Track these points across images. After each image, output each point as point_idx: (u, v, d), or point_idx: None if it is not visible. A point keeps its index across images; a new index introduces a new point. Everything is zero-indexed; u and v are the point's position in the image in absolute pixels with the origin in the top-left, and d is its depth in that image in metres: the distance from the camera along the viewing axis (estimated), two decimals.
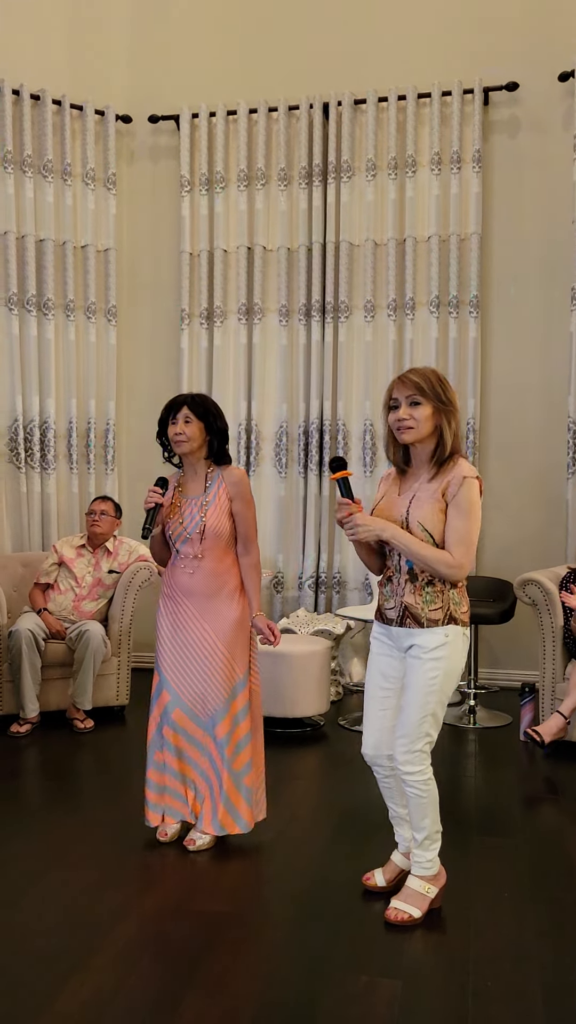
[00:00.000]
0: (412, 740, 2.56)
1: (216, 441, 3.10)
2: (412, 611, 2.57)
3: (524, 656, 5.37)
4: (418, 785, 2.59)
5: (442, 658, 2.53)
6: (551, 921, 2.66)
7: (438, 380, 2.58)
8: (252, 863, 3.04)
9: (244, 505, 3.09)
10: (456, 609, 2.58)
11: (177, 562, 3.13)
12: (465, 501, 2.51)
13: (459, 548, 2.50)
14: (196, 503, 3.08)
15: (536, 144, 5.33)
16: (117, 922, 2.62)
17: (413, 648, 2.58)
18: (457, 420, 2.58)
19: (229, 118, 5.62)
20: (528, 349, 5.39)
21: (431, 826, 2.64)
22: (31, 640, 4.41)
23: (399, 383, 2.58)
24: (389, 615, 2.63)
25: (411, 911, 2.63)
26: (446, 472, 2.56)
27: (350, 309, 5.47)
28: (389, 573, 2.65)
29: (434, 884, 2.69)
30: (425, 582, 2.56)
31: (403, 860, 2.85)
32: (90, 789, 3.75)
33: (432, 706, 2.55)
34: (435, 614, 2.55)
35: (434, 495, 2.54)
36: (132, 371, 5.92)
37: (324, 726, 4.65)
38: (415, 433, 2.55)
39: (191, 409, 3.06)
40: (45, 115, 5.42)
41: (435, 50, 5.40)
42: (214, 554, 3.07)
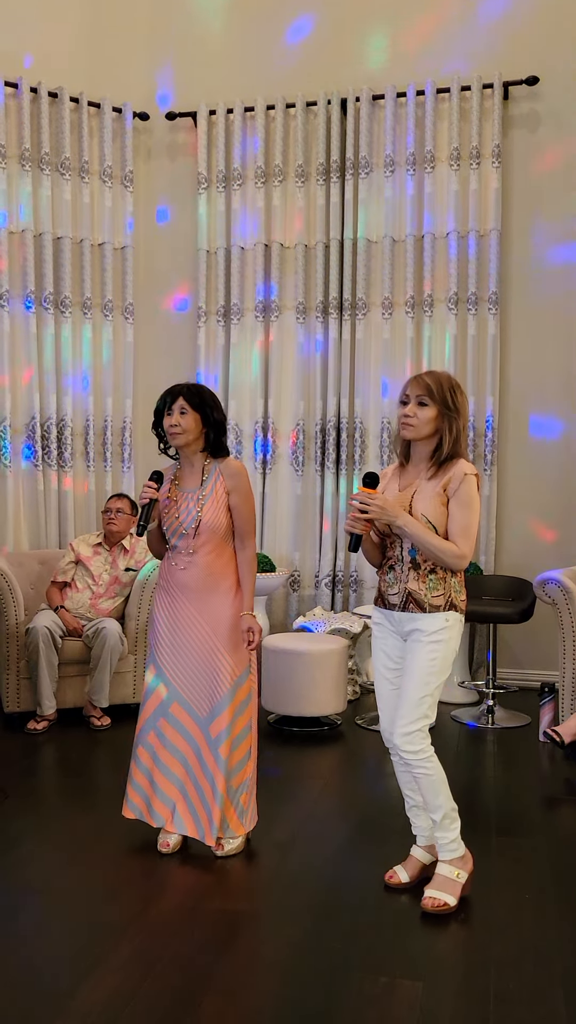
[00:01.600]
0: (410, 720, 2.66)
1: (213, 433, 3.03)
2: (415, 597, 2.68)
3: (543, 656, 5.33)
4: (422, 764, 2.67)
5: (442, 641, 2.66)
6: (573, 922, 2.62)
7: (450, 386, 2.69)
8: (270, 862, 3.02)
9: (242, 499, 3.02)
10: (456, 596, 2.71)
11: (172, 557, 3.07)
12: (466, 496, 2.65)
13: (462, 539, 2.65)
14: (193, 497, 3.01)
15: (556, 139, 5.28)
16: (134, 921, 2.61)
17: (415, 632, 2.69)
18: (461, 427, 2.70)
19: (247, 115, 5.61)
20: (548, 346, 5.33)
21: (446, 803, 2.71)
22: (48, 637, 4.41)
23: (413, 381, 2.71)
24: (392, 600, 2.73)
25: (446, 898, 2.68)
26: (447, 470, 2.69)
27: (368, 306, 5.44)
28: (391, 562, 2.76)
29: (463, 868, 2.75)
30: (428, 570, 2.69)
31: (423, 854, 2.86)
32: (107, 787, 3.74)
33: (431, 687, 2.66)
34: (437, 600, 2.67)
35: (435, 491, 2.67)
36: (149, 369, 5.91)
37: (341, 725, 4.62)
38: (414, 431, 2.69)
39: (187, 400, 2.98)
40: (63, 113, 5.42)
41: (454, 44, 5.36)
42: (209, 549, 3.01)
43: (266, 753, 4.17)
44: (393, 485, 2.80)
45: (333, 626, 5.00)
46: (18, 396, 5.42)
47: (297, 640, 4.58)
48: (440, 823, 2.72)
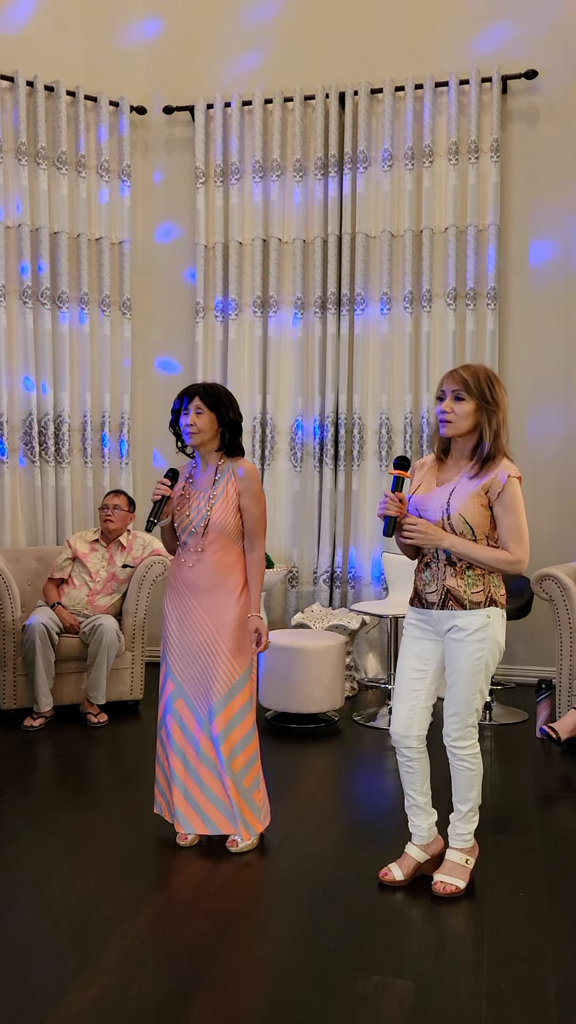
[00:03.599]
0: (464, 716, 2.69)
1: (228, 432, 3.05)
2: (455, 594, 2.65)
3: (541, 652, 5.32)
4: (470, 759, 2.73)
5: (486, 638, 2.64)
6: (567, 921, 2.62)
7: (487, 379, 2.63)
8: (264, 860, 3.01)
9: (252, 500, 3.03)
10: (496, 592, 2.68)
11: (181, 554, 3.09)
12: (511, 499, 2.60)
13: (516, 545, 2.61)
14: (204, 496, 3.03)
15: (555, 133, 5.25)
16: (127, 919, 2.61)
17: (454, 630, 2.66)
18: (500, 421, 2.62)
19: (244, 109, 5.58)
20: (547, 342, 5.31)
21: (476, 798, 2.78)
22: (45, 634, 4.41)
23: (449, 376, 2.65)
24: (430, 599, 2.70)
25: (456, 883, 2.75)
26: (489, 471, 2.62)
27: (366, 301, 5.42)
28: (427, 559, 2.72)
29: (471, 856, 2.83)
30: (466, 566, 2.65)
31: (419, 852, 2.87)
32: (103, 784, 3.74)
33: (480, 683, 2.67)
34: (477, 596, 2.64)
35: (476, 492, 2.61)
36: (147, 364, 5.89)
37: (338, 722, 4.62)
38: (454, 428, 2.62)
39: (203, 399, 3.00)
40: (59, 107, 5.40)
41: (453, 38, 5.33)
42: (217, 548, 3.02)
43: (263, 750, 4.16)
44: (431, 478, 2.74)
45: (331, 622, 5.00)
46: (15, 392, 5.41)
47: (295, 636, 4.58)
48: (465, 815, 2.79)
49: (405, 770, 2.83)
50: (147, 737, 4.35)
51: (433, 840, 2.89)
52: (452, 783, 2.79)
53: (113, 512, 4.74)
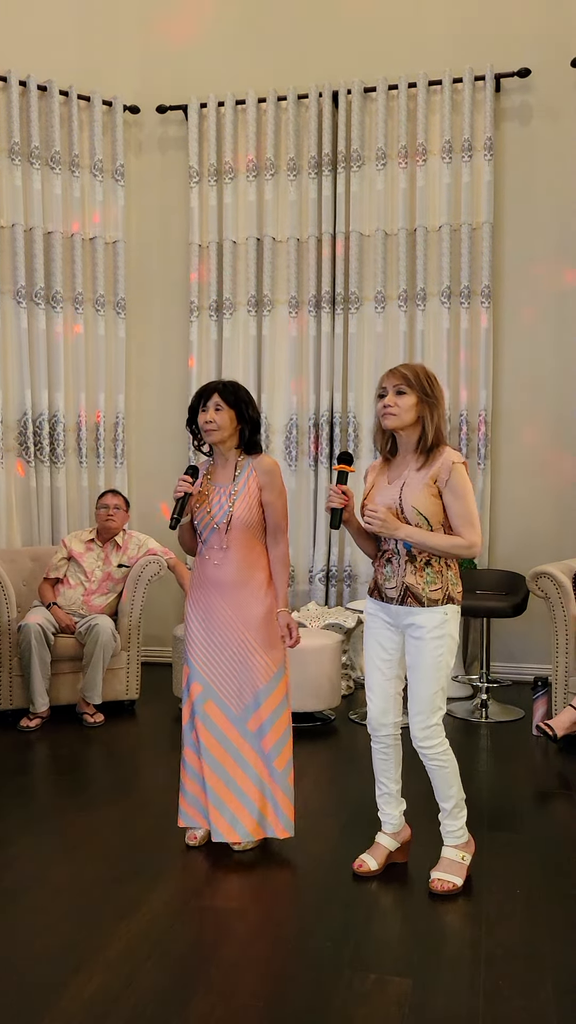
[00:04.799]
0: (427, 715, 2.72)
1: (247, 430, 3.03)
2: (413, 591, 2.71)
3: (537, 650, 5.32)
4: (439, 757, 2.75)
5: (444, 635, 2.70)
6: (564, 918, 2.62)
7: (426, 375, 2.74)
8: (260, 859, 3.01)
9: (275, 495, 3.01)
10: (453, 589, 2.75)
11: (204, 552, 3.05)
12: (459, 485, 2.68)
13: (468, 529, 2.68)
14: (225, 492, 3.00)
15: (548, 131, 5.26)
16: (124, 918, 2.61)
17: (413, 627, 2.72)
18: (440, 414, 2.74)
19: (238, 107, 5.57)
20: (541, 339, 5.32)
21: (457, 794, 2.81)
22: (40, 635, 4.40)
23: (389, 374, 2.75)
24: (390, 594, 2.76)
25: (454, 879, 2.77)
26: (434, 460, 2.71)
27: (360, 300, 5.42)
28: (388, 555, 2.78)
29: (467, 851, 2.84)
30: (424, 563, 2.72)
31: (390, 841, 2.93)
32: (99, 784, 3.73)
33: (441, 681, 2.72)
34: (435, 594, 2.70)
35: (424, 482, 2.69)
36: (141, 364, 5.89)
37: (335, 721, 4.62)
38: (397, 420, 2.71)
39: (222, 397, 2.97)
40: (52, 106, 5.39)
41: (445, 36, 5.33)
42: (241, 544, 2.99)
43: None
44: (381, 480, 2.82)
45: (327, 621, 5.00)
46: (9, 392, 5.40)
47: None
48: (451, 812, 2.81)
49: (380, 757, 2.89)
50: (144, 737, 4.35)
51: (402, 828, 2.95)
52: (432, 785, 2.80)
53: (114, 512, 4.74)
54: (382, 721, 2.84)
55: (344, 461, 2.79)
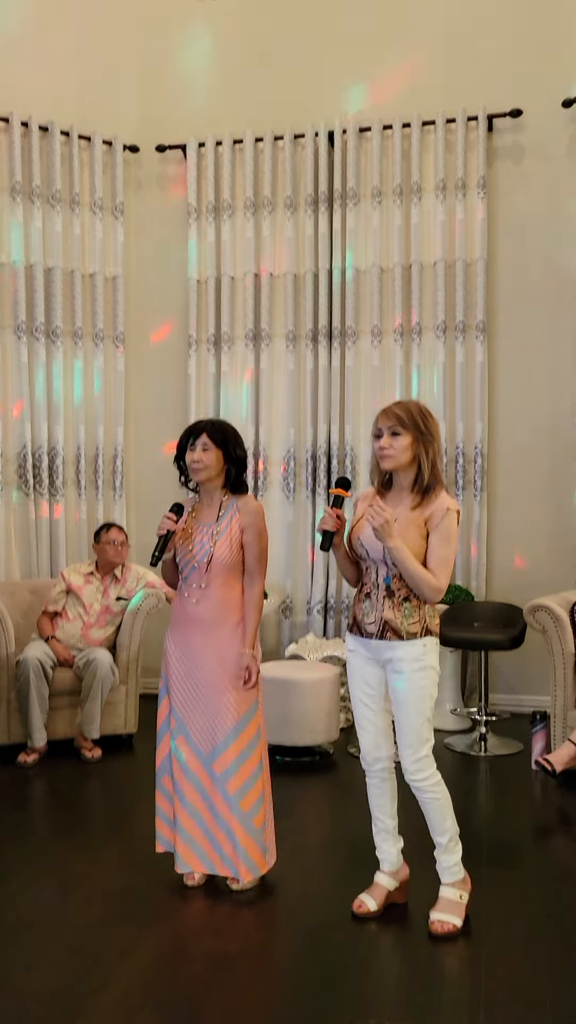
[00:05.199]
0: (417, 748, 2.73)
1: (234, 470, 3.07)
2: (392, 625, 2.74)
3: (535, 682, 5.32)
4: (432, 789, 2.75)
5: (426, 667, 2.73)
6: (565, 959, 2.61)
7: (420, 412, 2.76)
8: (259, 900, 3.00)
9: (255, 537, 3.05)
10: (431, 621, 2.77)
11: (184, 589, 3.10)
12: (447, 530, 2.71)
13: (441, 571, 2.71)
14: (208, 531, 3.04)
15: (541, 170, 5.35)
16: (121, 961, 2.59)
17: (394, 662, 2.74)
18: (436, 450, 2.76)
19: (235, 147, 5.67)
20: (535, 373, 5.38)
21: (452, 827, 2.80)
22: (39, 668, 4.40)
23: (383, 414, 2.77)
24: (369, 629, 2.79)
25: (454, 920, 2.75)
26: (430, 502, 2.74)
27: (357, 334, 5.48)
28: (367, 589, 2.82)
29: (464, 889, 2.83)
30: (402, 598, 2.74)
31: (389, 880, 2.91)
32: (97, 821, 3.72)
33: (427, 712, 2.74)
34: (414, 627, 2.73)
35: (416, 522, 2.72)
36: (140, 397, 5.94)
37: (333, 754, 4.61)
38: (393, 461, 2.74)
39: (210, 436, 3.02)
40: (53, 146, 5.48)
41: (439, 77, 5.44)
42: (220, 584, 3.04)
43: None
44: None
45: (325, 653, 5.00)
46: (9, 425, 5.44)
47: (289, 668, 4.58)
48: (446, 846, 2.80)
49: (375, 792, 2.89)
50: (142, 771, 4.33)
51: (400, 867, 2.94)
52: (426, 819, 2.80)
53: (120, 548, 4.76)
54: (376, 755, 2.85)
55: (341, 486, 2.81)
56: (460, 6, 5.40)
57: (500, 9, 5.34)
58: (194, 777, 3.04)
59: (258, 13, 5.70)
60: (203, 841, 3.05)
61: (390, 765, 2.87)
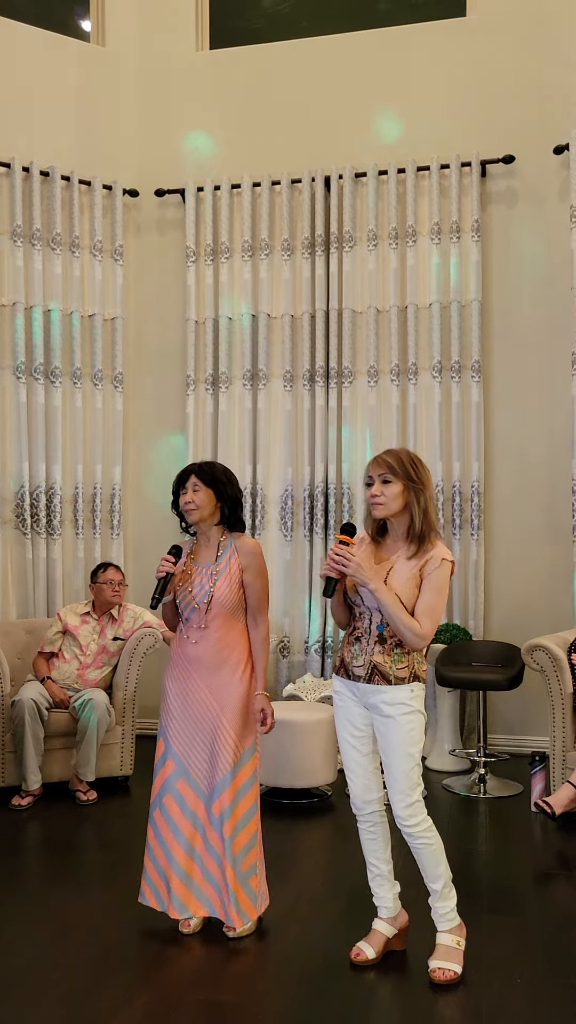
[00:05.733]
0: (407, 793, 2.70)
1: (228, 508, 3.09)
2: (381, 670, 2.73)
3: (534, 723, 5.29)
4: (424, 834, 2.71)
5: (414, 711, 2.72)
6: (567, 1008, 2.56)
7: (410, 460, 2.76)
8: (258, 946, 2.95)
9: (255, 576, 3.05)
10: (419, 667, 2.77)
11: (184, 630, 3.09)
12: (439, 580, 2.70)
13: (427, 620, 2.69)
14: (207, 572, 3.05)
15: (533, 214, 5.45)
16: (117, 1012, 2.54)
17: (381, 706, 2.73)
18: (428, 497, 2.74)
19: (233, 191, 5.77)
20: (531, 413, 5.42)
21: (446, 872, 2.76)
22: (34, 710, 4.37)
23: (374, 462, 2.77)
24: (357, 672, 2.78)
25: (454, 967, 2.72)
26: (426, 552, 2.73)
27: (354, 374, 5.54)
28: (357, 633, 2.80)
29: (461, 935, 2.79)
30: (394, 644, 2.73)
31: (387, 927, 2.87)
32: (92, 867, 3.67)
33: (415, 756, 2.71)
34: (402, 672, 2.72)
35: (412, 572, 2.71)
36: (138, 437, 5.97)
37: (331, 796, 4.56)
38: (385, 509, 2.73)
39: (199, 477, 3.05)
40: (54, 191, 5.58)
41: (433, 124, 5.56)
42: (220, 624, 3.04)
43: None
44: (368, 557, 2.82)
45: (322, 693, 4.97)
46: (7, 465, 5.46)
47: (286, 709, 4.55)
48: (441, 892, 2.76)
49: (368, 837, 2.86)
50: (137, 815, 4.28)
51: (399, 913, 2.90)
52: (419, 865, 2.76)
53: (119, 588, 4.76)
54: (366, 799, 2.82)
55: (347, 532, 2.77)
56: (454, 56, 5.54)
57: (493, 58, 5.48)
58: (196, 817, 3.02)
59: (256, 61, 5.84)
60: (202, 883, 3.02)
61: (381, 808, 2.85)
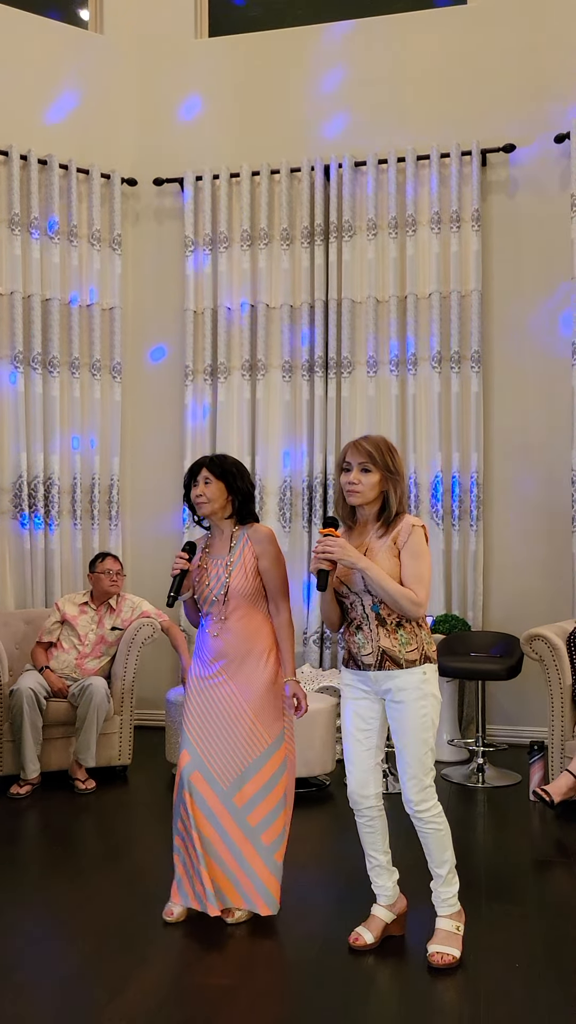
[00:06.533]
0: (420, 777, 2.70)
1: (239, 500, 3.08)
2: (390, 654, 2.71)
3: (532, 712, 5.29)
4: (434, 820, 2.72)
5: (427, 695, 2.70)
6: (565, 994, 2.56)
7: (388, 450, 2.77)
8: (256, 933, 2.95)
9: (272, 563, 3.04)
10: (428, 648, 2.76)
11: (207, 625, 3.08)
12: (416, 545, 2.71)
13: (418, 586, 2.69)
14: (222, 563, 3.04)
15: (534, 203, 5.43)
16: (115, 996, 2.54)
17: (393, 691, 2.71)
18: (403, 487, 2.77)
19: (232, 180, 5.74)
20: (530, 403, 5.41)
21: (451, 859, 2.78)
22: (32, 699, 4.36)
23: (353, 448, 2.76)
24: (366, 661, 2.75)
25: (453, 952, 2.73)
26: (395, 525, 2.75)
27: (353, 365, 5.52)
28: (357, 622, 2.78)
29: (460, 921, 2.80)
30: (395, 624, 2.71)
31: (386, 913, 2.88)
32: (90, 854, 3.66)
33: (429, 741, 2.71)
34: (412, 654, 2.71)
35: (387, 546, 2.72)
36: (137, 427, 5.96)
37: (329, 786, 4.56)
38: (360, 497, 2.74)
39: (210, 470, 3.04)
40: (52, 179, 5.55)
41: (433, 113, 5.54)
42: (240, 615, 3.02)
43: None
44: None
45: (321, 684, 4.97)
46: (5, 454, 5.44)
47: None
48: (445, 878, 2.78)
49: (366, 831, 2.85)
50: (136, 803, 4.28)
51: (397, 899, 2.90)
52: (424, 850, 2.77)
53: (117, 578, 4.75)
54: (363, 794, 2.81)
55: (330, 525, 2.76)
56: (454, 43, 5.51)
57: (494, 46, 5.45)
58: (210, 812, 2.98)
59: (254, 49, 5.81)
60: (219, 878, 2.97)
61: (378, 803, 2.83)
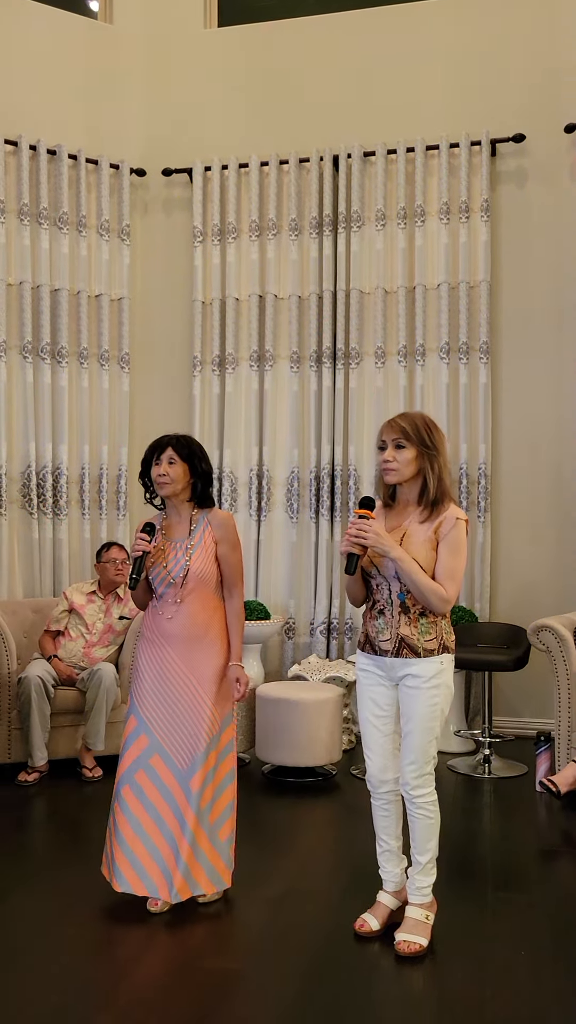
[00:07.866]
0: (422, 764, 2.71)
1: (200, 483, 3.07)
2: (409, 642, 2.70)
3: (539, 704, 5.29)
4: (428, 806, 2.74)
5: (440, 684, 2.69)
6: (569, 982, 2.57)
7: (425, 425, 2.69)
8: (261, 918, 2.96)
9: (230, 548, 3.06)
10: (447, 638, 2.74)
11: (158, 607, 3.06)
12: (456, 540, 2.66)
13: (450, 583, 2.66)
14: (181, 546, 3.04)
15: (543, 194, 5.40)
16: (122, 980, 2.56)
17: (408, 678, 2.71)
18: (442, 464, 2.69)
19: (241, 171, 5.74)
20: (539, 395, 5.39)
21: (435, 849, 2.78)
22: (40, 687, 4.38)
23: (387, 426, 2.70)
24: (384, 647, 2.74)
25: (420, 940, 2.72)
26: (439, 513, 2.69)
27: (361, 355, 5.51)
28: (380, 607, 2.76)
29: (431, 911, 2.80)
30: (418, 613, 2.70)
31: (392, 900, 2.89)
32: (97, 841, 3.68)
33: (436, 730, 2.71)
34: (431, 644, 2.69)
35: (427, 534, 2.67)
36: (145, 417, 5.96)
37: (336, 775, 4.57)
38: (397, 475, 2.69)
39: (175, 450, 3.03)
40: (61, 169, 5.55)
41: (443, 103, 5.51)
42: (195, 599, 3.03)
43: (260, 805, 4.12)
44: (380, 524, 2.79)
45: (328, 674, 4.97)
46: (14, 444, 5.46)
47: (291, 689, 4.56)
48: (424, 867, 2.78)
49: (381, 814, 2.86)
50: None
51: (403, 886, 2.91)
52: (411, 835, 2.78)
53: (122, 566, 4.76)
54: (382, 778, 2.82)
55: (366, 506, 2.70)
56: (464, 33, 5.49)
57: (503, 36, 5.42)
58: (169, 795, 2.99)
59: (264, 39, 5.80)
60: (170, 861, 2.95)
61: (396, 788, 2.83)
